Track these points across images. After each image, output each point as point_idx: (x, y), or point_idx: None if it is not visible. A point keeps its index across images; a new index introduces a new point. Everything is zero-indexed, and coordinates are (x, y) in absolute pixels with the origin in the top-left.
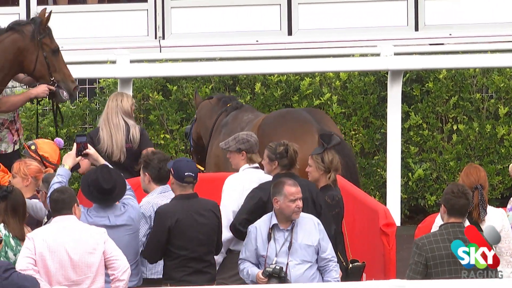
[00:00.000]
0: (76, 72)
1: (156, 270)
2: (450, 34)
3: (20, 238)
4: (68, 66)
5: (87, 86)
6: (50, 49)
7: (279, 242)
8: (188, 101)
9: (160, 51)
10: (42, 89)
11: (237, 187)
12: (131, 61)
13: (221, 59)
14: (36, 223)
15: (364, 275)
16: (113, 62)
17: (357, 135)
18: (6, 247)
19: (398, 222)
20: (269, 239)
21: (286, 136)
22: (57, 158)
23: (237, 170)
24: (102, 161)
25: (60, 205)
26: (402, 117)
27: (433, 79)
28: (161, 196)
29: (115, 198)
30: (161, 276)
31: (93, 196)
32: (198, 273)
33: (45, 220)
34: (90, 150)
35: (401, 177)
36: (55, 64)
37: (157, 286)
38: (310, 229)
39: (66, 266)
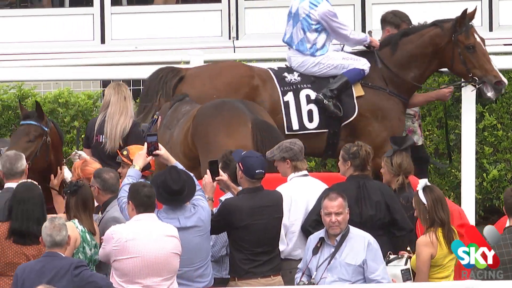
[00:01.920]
0: (150, 73)
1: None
2: None
3: (93, 232)
4: (142, 66)
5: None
6: (464, 46)
7: (323, 255)
8: None
9: (234, 52)
10: (442, 92)
11: (285, 199)
12: (205, 62)
13: None
14: None
15: None
16: (187, 62)
17: (432, 136)
18: (83, 243)
19: (472, 223)
20: (315, 252)
21: (221, 126)
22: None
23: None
24: (173, 161)
25: (152, 200)
26: (476, 117)
27: (508, 79)
28: None
29: (185, 199)
30: None
31: (163, 198)
32: (264, 265)
33: (99, 215)
34: (161, 150)
35: (476, 178)
36: (472, 60)
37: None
38: (358, 248)
39: (148, 266)
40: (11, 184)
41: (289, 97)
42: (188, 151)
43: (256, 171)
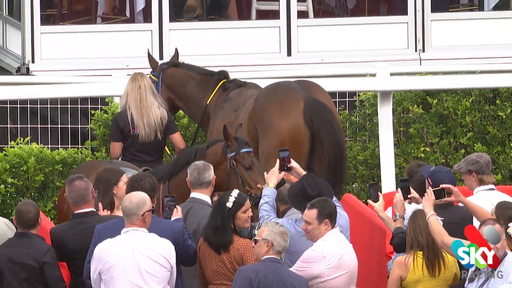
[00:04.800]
0: (336, 85)
1: None
2: None
3: None
4: (328, 78)
5: (347, 99)
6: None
7: (482, 278)
8: (448, 114)
9: (420, 64)
10: None
11: None
12: (391, 74)
13: (481, 72)
14: None
15: None
16: (373, 75)
17: None
18: None
19: None
20: (470, 280)
21: (275, 106)
22: None
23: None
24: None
25: None
26: None
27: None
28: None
29: None
30: None
31: (301, 206)
32: None
33: None
34: (294, 164)
35: None
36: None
37: None
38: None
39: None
40: (196, 194)
41: None
42: (251, 132)
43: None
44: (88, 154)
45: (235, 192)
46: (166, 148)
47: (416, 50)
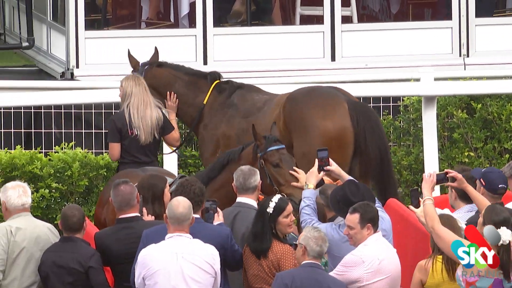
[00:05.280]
0: (380, 90)
1: None
2: None
3: None
4: (372, 84)
5: (391, 104)
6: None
7: None
8: (493, 119)
9: (464, 69)
10: None
11: None
12: (435, 79)
13: None
14: None
15: None
16: (417, 80)
17: None
18: None
19: None
20: None
21: (316, 109)
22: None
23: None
24: (346, 175)
25: None
26: None
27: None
28: (467, 215)
29: None
30: None
31: (344, 212)
32: None
33: None
34: (332, 165)
35: None
36: None
37: None
38: None
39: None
40: (243, 199)
41: None
42: (279, 137)
43: (499, 186)
44: None
45: (276, 197)
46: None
47: (460, 55)
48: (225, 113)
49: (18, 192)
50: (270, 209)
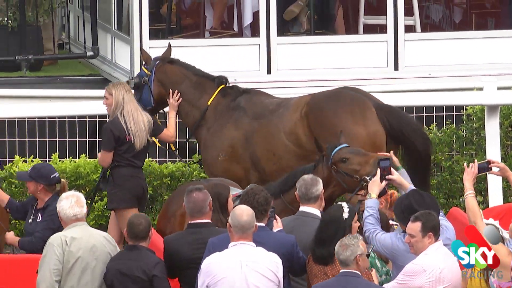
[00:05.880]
0: (443, 99)
1: None
2: None
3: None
4: (435, 93)
5: (454, 113)
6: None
7: None
8: None
9: None
10: None
11: None
12: (498, 88)
13: None
14: None
15: None
16: (480, 89)
17: None
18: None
19: None
20: None
21: (345, 114)
22: None
23: None
24: (407, 185)
25: None
26: None
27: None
28: None
29: None
30: None
31: (408, 222)
32: None
33: None
34: (394, 175)
35: None
36: None
37: None
38: None
39: None
40: (305, 208)
41: None
42: (300, 141)
43: None
44: (196, 167)
45: (344, 204)
46: None
47: None
48: (231, 116)
49: (71, 203)
50: (345, 214)
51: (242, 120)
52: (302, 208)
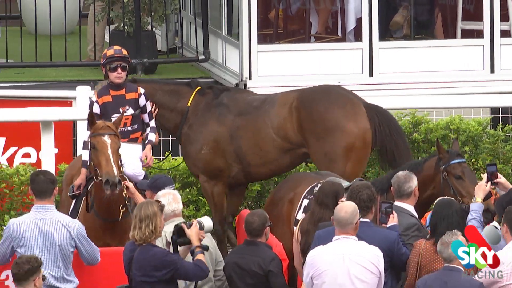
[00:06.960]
0: None
1: None
2: None
3: None
4: None
5: None
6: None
7: None
8: None
9: None
10: None
11: None
12: None
13: None
14: None
15: None
16: None
17: None
18: None
19: None
20: None
21: (339, 111)
22: None
23: None
24: (510, 186)
25: None
26: None
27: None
28: None
29: None
30: None
31: None
32: None
33: None
34: (501, 178)
35: None
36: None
37: None
38: None
39: None
40: (399, 203)
41: None
42: (288, 135)
43: None
44: (302, 164)
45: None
46: None
47: None
48: (214, 112)
49: (168, 199)
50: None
51: (225, 116)
52: (397, 203)
